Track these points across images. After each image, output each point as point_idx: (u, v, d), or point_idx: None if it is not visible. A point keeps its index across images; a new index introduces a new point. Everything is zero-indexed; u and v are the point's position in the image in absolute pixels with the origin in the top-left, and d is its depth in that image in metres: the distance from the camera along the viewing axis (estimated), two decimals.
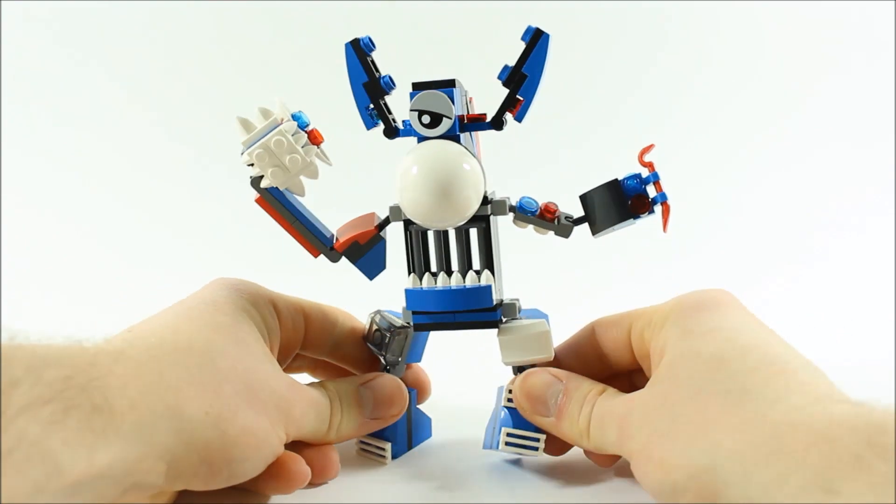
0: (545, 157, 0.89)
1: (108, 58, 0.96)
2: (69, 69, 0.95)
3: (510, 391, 0.37)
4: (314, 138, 0.35)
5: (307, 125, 0.35)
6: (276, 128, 0.34)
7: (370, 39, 0.35)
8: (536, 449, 0.36)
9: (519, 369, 0.37)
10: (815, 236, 0.86)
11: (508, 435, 0.36)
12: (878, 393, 0.26)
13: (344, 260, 0.38)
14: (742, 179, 0.92)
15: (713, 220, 0.88)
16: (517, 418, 0.36)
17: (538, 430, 0.36)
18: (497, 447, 0.36)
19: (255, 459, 0.31)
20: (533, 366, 0.37)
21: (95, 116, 0.95)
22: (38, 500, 0.23)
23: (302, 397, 0.34)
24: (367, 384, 0.37)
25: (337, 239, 0.38)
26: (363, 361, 0.40)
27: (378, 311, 0.39)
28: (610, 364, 0.37)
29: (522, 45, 0.34)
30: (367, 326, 0.40)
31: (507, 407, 0.37)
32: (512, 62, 0.35)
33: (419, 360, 0.41)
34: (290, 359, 0.39)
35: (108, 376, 0.26)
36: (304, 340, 0.39)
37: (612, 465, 0.36)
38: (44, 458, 0.23)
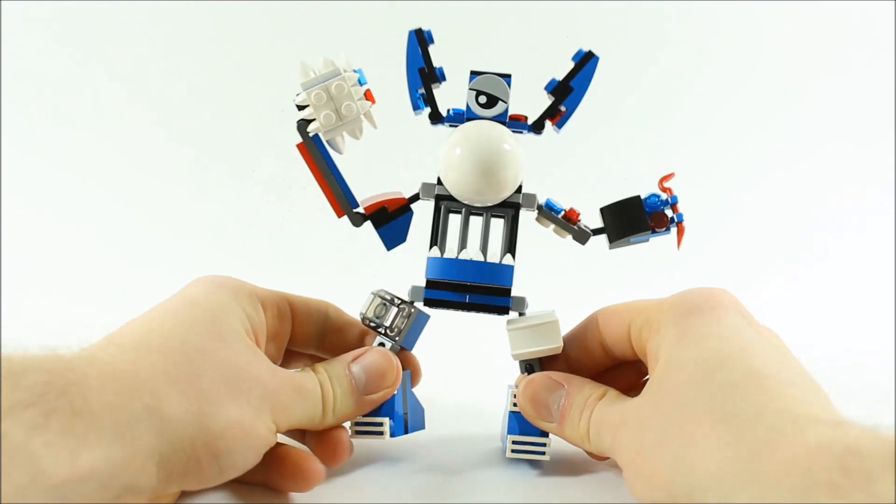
0: (553, 164, 0.89)
1: (108, 58, 0.96)
2: (69, 69, 0.95)
3: (515, 395, 0.37)
4: (369, 97, 0.37)
5: (365, 83, 0.37)
6: (338, 76, 0.36)
7: (431, 33, 0.37)
8: (543, 454, 0.36)
9: (527, 367, 0.37)
10: (815, 236, 0.86)
11: (514, 442, 0.36)
12: (864, 404, 0.27)
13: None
14: (742, 180, 0.92)
15: (713, 221, 0.88)
16: (522, 424, 0.37)
17: (543, 434, 0.36)
18: (506, 453, 0.37)
19: (244, 451, 0.31)
20: (540, 362, 0.38)
21: (95, 116, 0.95)
22: (22, 502, 0.23)
23: (288, 383, 0.34)
24: (357, 360, 0.37)
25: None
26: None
27: (381, 290, 0.39)
28: (614, 355, 0.38)
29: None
30: (367, 304, 0.39)
31: (512, 412, 0.37)
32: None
33: (411, 348, 0.41)
34: (281, 353, 0.39)
35: (85, 380, 0.27)
36: (293, 333, 0.39)
37: (607, 460, 0.37)
38: (27, 461, 0.23)
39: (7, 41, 0.93)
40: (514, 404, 0.37)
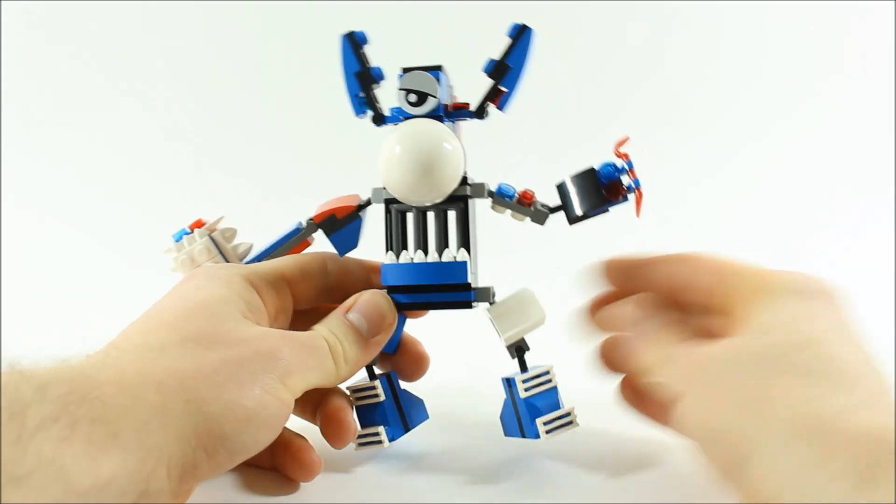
0: (532, 150, 0.89)
1: (108, 58, 0.97)
2: (68, 69, 0.96)
3: (524, 381, 0.37)
4: (196, 225, 0.41)
5: (184, 233, 0.41)
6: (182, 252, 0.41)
7: (364, 34, 0.37)
8: (571, 422, 0.37)
9: (517, 350, 0.37)
10: (814, 237, 0.86)
11: (545, 423, 0.36)
12: None
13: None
14: (742, 180, 0.92)
15: (713, 221, 0.88)
16: (542, 403, 0.37)
17: (561, 405, 0.37)
18: (537, 437, 0.36)
19: (251, 430, 0.30)
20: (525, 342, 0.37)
21: (94, 117, 0.96)
22: None
23: (295, 345, 0.33)
24: (351, 309, 0.37)
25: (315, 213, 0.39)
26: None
27: None
28: (676, 300, 0.37)
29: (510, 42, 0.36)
30: None
31: (523, 399, 0.37)
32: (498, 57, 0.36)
33: (392, 351, 0.41)
34: (286, 326, 0.39)
35: (100, 387, 0.27)
36: (296, 299, 0.39)
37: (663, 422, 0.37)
38: (59, 475, 0.24)
39: (7, 41, 0.94)
40: (526, 389, 0.37)
